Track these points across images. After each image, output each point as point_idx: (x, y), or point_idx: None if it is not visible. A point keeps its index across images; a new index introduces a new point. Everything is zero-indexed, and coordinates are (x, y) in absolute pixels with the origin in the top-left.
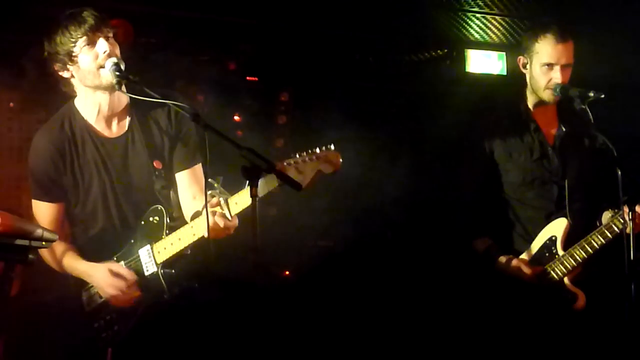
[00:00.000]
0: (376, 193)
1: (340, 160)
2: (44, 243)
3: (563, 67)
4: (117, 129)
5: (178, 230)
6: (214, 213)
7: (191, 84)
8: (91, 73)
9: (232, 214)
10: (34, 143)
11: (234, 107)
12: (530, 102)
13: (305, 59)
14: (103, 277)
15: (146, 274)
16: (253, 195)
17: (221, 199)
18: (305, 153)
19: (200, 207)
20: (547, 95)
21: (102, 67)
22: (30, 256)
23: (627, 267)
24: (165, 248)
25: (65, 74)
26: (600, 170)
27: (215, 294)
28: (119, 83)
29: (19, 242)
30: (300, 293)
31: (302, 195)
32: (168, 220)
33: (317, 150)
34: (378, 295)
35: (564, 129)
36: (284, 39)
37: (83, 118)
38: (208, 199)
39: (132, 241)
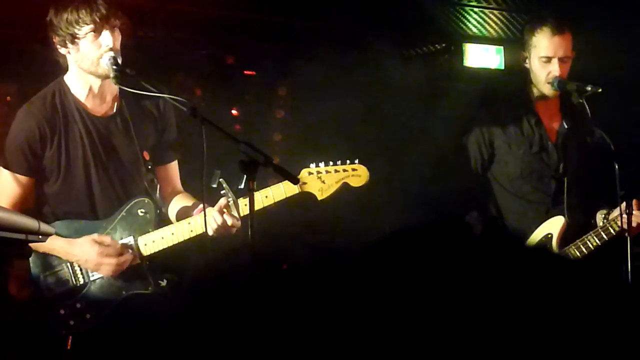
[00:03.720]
0: (374, 188)
1: (368, 174)
2: (40, 237)
3: (561, 60)
4: (107, 108)
5: (171, 225)
6: (221, 212)
7: (189, 78)
8: (90, 60)
9: (241, 215)
10: (20, 114)
11: (231, 101)
12: (533, 95)
13: (304, 53)
14: (89, 251)
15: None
16: (250, 189)
17: (230, 200)
18: (331, 163)
19: (182, 204)
20: (547, 89)
21: (102, 57)
22: (28, 250)
23: (629, 263)
24: (153, 241)
25: (62, 50)
26: (598, 165)
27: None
28: (116, 77)
29: (15, 236)
30: (296, 287)
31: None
32: (157, 215)
33: (341, 163)
34: (376, 291)
35: (566, 126)
36: (282, 33)
37: (73, 94)
38: (216, 200)
39: (108, 230)
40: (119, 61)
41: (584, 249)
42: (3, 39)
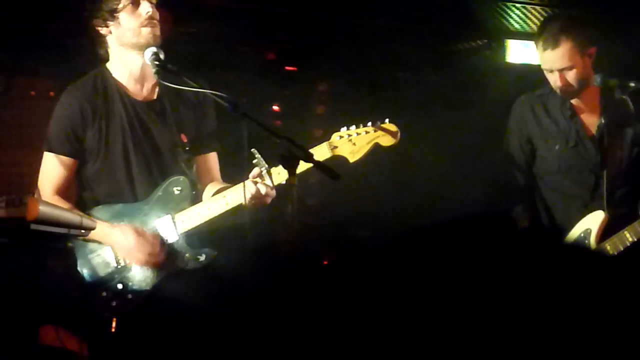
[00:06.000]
0: (415, 184)
1: (399, 133)
2: (82, 231)
3: (561, 71)
4: (148, 93)
5: (207, 201)
6: (255, 182)
7: (230, 73)
8: (131, 30)
9: (275, 183)
10: (62, 96)
11: (272, 97)
12: None
13: (344, 49)
14: (128, 238)
15: (167, 243)
16: (292, 184)
17: (263, 169)
18: (361, 125)
19: (218, 187)
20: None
21: (143, 26)
22: (69, 244)
23: None
24: (190, 217)
25: (103, 31)
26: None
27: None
28: (158, 72)
29: (58, 230)
30: (337, 283)
31: (343, 185)
32: (192, 192)
33: (371, 124)
34: (414, 289)
35: (603, 120)
36: (323, 29)
37: (114, 78)
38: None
39: (146, 212)
40: (162, 57)
41: (619, 245)
42: (45, 34)
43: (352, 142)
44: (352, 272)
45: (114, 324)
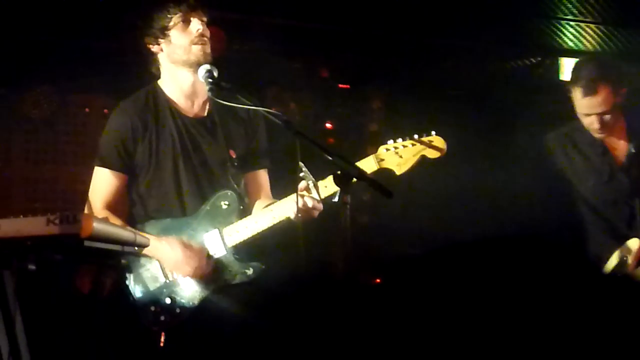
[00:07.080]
0: (467, 202)
1: (446, 146)
2: (136, 249)
3: (598, 115)
4: (198, 109)
5: (254, 215)
6: (302, 195)
7: (284, 91)
8: (182, 48)
9: (322, 197)
10: (114, 112)
11: (326, 114)
12: None
13: (397, 66)
14: (175, 251)
15: (215, 257)
16: (344, 202)
17: (310, 182)
18: (407, 138)
19: (268, 203)
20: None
21: (194, 43)
22: (123, 261)
23: None
24: (238, 231)
25: (154, 48)
26: None
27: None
28: (212, 90)
29: (111, 247)
30: (389, 301)
31: (395, 202)
32: (240, 206)
33: (418, 137)
34: (463, 307)
35: (633, 150)
36: (377, 47)
37: (166, 94)
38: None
39: (194, 227)
40: (215, 74)
41: None
42: (99, 53)
43: (398, 155)
44: (403, 290)
45: (162, 338)
